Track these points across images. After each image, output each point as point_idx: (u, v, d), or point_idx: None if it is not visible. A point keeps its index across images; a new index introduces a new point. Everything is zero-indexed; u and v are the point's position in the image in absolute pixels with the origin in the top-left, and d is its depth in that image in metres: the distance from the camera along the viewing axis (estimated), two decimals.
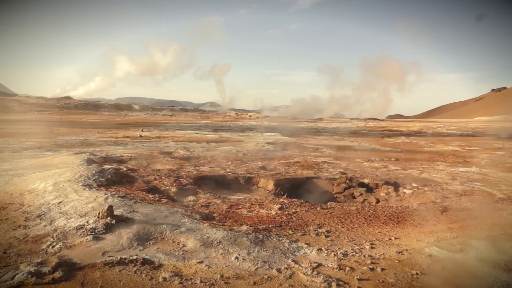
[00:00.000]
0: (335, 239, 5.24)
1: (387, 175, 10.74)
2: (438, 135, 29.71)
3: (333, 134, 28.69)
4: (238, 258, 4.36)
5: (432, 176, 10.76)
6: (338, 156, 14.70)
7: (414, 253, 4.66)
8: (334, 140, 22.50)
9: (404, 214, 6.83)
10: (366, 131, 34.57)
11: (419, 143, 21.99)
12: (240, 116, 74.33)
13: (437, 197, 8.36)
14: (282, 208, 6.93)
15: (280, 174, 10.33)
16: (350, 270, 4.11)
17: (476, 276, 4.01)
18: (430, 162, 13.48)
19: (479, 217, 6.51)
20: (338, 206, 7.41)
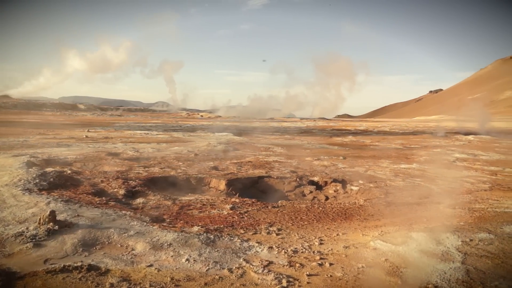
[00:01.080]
0: (286, 236, 5.35)
1: (335, 173, 11.10)
2: (382, 134, 31.17)
3: (284, 133, 29.16)
4: (189, 259, 4.32)
5: (377, 173, 11.27)
6: (289, 155, 14.98)
7: (360, 247, 4.87)
8: (285, 140, 22.89)
9: (351, 210, 7.11)
10: (316, 130, 35.50)
11: (365, 142, 22.94)
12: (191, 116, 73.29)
13: (382, 193, 8.77)
14: (234, 208, 6.95)
15: (232, 174, 10.35)
16: (300, 266, 4.22)
17: (416, 266, 4.27)
18: (375, 160, 14.11)
19: (419, 211, 6.92)
20: (289, 204, 7.56)
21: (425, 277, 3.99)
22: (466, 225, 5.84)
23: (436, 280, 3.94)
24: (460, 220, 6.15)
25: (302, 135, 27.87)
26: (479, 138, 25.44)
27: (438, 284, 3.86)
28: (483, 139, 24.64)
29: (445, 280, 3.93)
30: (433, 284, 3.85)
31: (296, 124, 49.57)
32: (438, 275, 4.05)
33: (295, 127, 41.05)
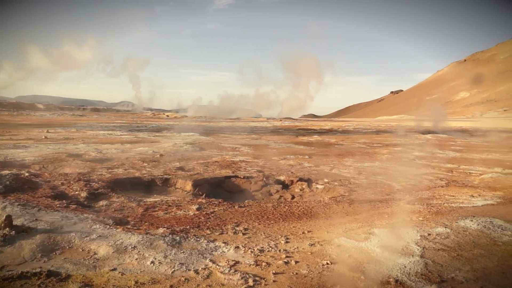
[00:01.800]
0: (252, 236, 5.38)
1: (301, 171, 11.26)
2: (346, 133, 31.92)
3: (251, 133, 29.23)
4: (154, 262, 4.25)
5: (341, 171, 11.54)
6: (256, 154, 15.04)
7: (325, 244, 4.97)
8: (252, 139, 22.96)
9: (316, 208, 7.24)
10: (282, 130, 35.84)
11: (330, 141, 23.41)
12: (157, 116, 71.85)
13: (346, 191, 8.99)
14: (200, 209, 6.91)
15: (199, 174, 10.27)
16: (266, 265, 4.26)
17: (378, 261, 4.41)
18: (340, 159, 14.44)
19: (381, 208, 7.16)
20: (255, 203, 7.60)
21: (387, 271, 4.13)
22: (425, 220, 6.09)
23: (396, 274, 4.09)
24: (419, 215, 6.41)
25: (269, 135, 28.06)
26: (436, 136, 26.56)
27: (398, 277, 4.01)
28: (440, 138, 25.76)
29: (405, 274, 4.09)
30: (394, 278, 3.99)
31: (263, 123, 49.82)
32: (399, 269, 4.20)
33: (262, 126, 41.26)
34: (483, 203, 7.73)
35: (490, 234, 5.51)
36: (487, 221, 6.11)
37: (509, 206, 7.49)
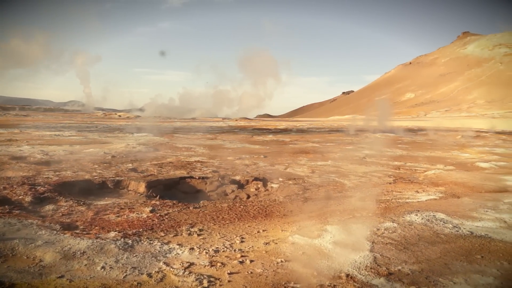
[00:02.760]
0: (207, 237, 5.35)
1: (256, 171, 11.34)
2: (300, 133, 32.56)
3: (206, 133, 29.02)
4: (105, 267, 4.11)
5: (295, 170, 11.76)
6: (211, 155, 14.96)
7: (280, 242, 5.05)
8: (207, 139, 22.80)
9: (271, 207, 7.33)
10: (238, 129, 35.88)
11: (285, 140, 23.77)
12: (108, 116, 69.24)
13: (300, 189, 9.18)
14: (154, 211, 6.76)
15: (152, 176, 10.05)
16: (221, 265, 4.25)
17: (330, 257, 4.55)
18: (294, 158, 14.71)
19: (333, 205, 7.38)
20: (211, 204, 7.56)
21: (338, 267, 4.27)
22: (374, 216, 6.36)
23: (348, 268, 4.24)
24: (369, 211, 6.68)
25: (224, 135, 28.00)
26: (385, 135, 27.78)
27: (349, 272, 4.16)
28: (389, 137, 26.96)
29: (356, 268, 4.25)
30: (345, 272, 4.14)
31: (218, 123, 49.63)
32: (350, 264, 4.36)
33: (217, 126, 41.09)
34: (427, 198, 8.20)
35: (433, 227, 5.86)
36: (430, 215, 6.50)
37: (450, 200, 8.00)
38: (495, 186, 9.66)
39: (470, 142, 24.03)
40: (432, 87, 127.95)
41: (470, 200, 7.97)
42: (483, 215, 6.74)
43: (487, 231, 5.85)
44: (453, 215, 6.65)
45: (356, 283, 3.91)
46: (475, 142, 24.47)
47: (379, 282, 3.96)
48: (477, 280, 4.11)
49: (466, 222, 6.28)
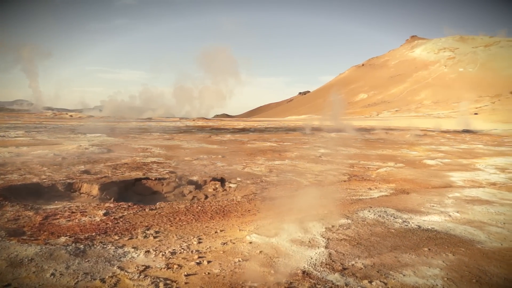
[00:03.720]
0: (164, 239, 5.25)
1: (214, 171, 11.28)
2: (258, 132, 32.76)
3: (163, 133, 28.44)
4: (55, 274, 3.93)
5: (253, 170, 11.82)
6: (168, 155, 14.70)
7: (237, 242, 5.06)
8: (164, 140, 22.36)
9: (229, 207, 7.32)
10: (195, 130, 35.50)
11: (243, 140, 23.81)
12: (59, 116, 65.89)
13: (258, 189, 9.24)
14: (108, 214, 6.54)
15: (106, 177, 9.71)
16: (178, 267, 4.19)
17: (287, 254, 4.63)
18: (252, 157, 14.78)
19: (290, 203, 7.49)
20: (168, 205, 7.43)
21: (295, 264, 4.35)
22: (329, 213, 6.53)
23: (304, 265, 4.33)
24: (324, 209, 6.85)
25: (182, 135, 27.59)
26: (340, 135, 28.61)
27: (305, 269, 4.25)
28: (343, 136, 27.79)
29: (312, 265, 4.35)
30: (302, 269, 4.22)
31: (175, 123, 48.80)
32: (306, 260, 4.46)
33: (175, 126, 40.40)
34: (378, 194, 8.54)
35: (384, 223, 6.12)
36: (382, 210, 6.78)
37: (399, 196, 8.38)
38: (440, 182, 10.24)
39: (418, 141, 25.29)
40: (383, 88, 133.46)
41: (418, 195, 8.40)
42: (430, 210, 7.13)
43: (433, 224, 6.20)
44: (403, 210, 6.98)
45: (312, 280, 4.00)
46: (422, 140, 25.79)
47: (334, 278, 4.07)
48: (424, 271, 4.34)
49: (415, 216, 6.62)
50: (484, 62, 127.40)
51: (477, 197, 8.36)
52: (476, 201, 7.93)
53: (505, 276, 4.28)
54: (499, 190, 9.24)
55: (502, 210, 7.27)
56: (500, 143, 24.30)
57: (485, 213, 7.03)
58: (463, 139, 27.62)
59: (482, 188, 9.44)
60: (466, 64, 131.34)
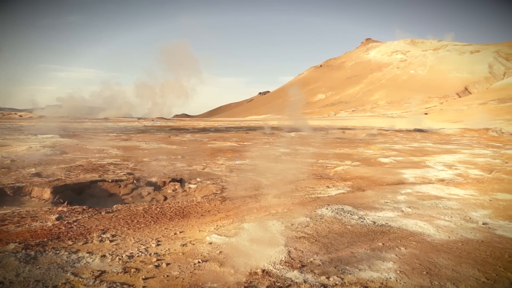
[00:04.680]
0: (121, 242, 5.11)
1: (174, 172, 11.12)
2: (219, 132, 32.63)
3: (120, 134, 27.62)
4: (4, 282, 3.72)
5: (213, 170, 11.77)
6: (126, 156, 14.30)
7: (197, 243, 5.03)
8: (121, 140, 21.73)
9: (189, 208, 7.25)
10: (154, 130, 34.75)
11: (203, 140, 23.63)
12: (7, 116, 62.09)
13: (218, 189, 9.21)
14: (61, 218, 6.27)
15: (59, 180, 9.31)
16: (135, 271, 4.10)
17: (247, 254, 4.65)
18: (212, 157, 14.71)
19: (251, 203, 7.54)
20: (125, 208, 7.23)
21: (255, 263, 4.38)
22: (289, 211, 6.64)
23: (264, 264, 4.37)
24: (284, 207, 6.96)
25: (140, 135, 26.93)
26: (299, 134, 29.08)
27: (265, 267, 4.29)
28: (303, 136, 28.28)
29: (271, 263, 4.41)
30: (261, 268, 4.26)
31: (133, 123, 47.53)
32: (266, 259, 4.51)
33: (132, 126, 39.35)
34: (336, 192, 8.78)
35: (341, 220, 6.30)
36: (339, 208, 6.97)
37: (356, 193, 8.66)
38: (394, 179, 10.69)
39: (373, 140, 26.24)
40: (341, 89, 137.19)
41: (373, 192, 8.73)
42: (384, 206, 7.43)
43: (387, 220, 6.46)
44: (359, 207, 7.22)
45: (271, 278, 4.05)
46: (377, 139, 26.77)
47: (293, 275, 4.15)
48: (379, 265, 4.52)
49: (370, 213, 6.87)
50: (433, 65, 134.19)
51: (427, 193, 8.81)
52: (426, 197, 8.36)
53: (452, 267, 4.54)
54: (446, 186, 9.78)
55: (450, 204, 7.71)
56: (448, 142, 25.71)
57: (434, 208, 7.42)
58: (414, 138, 28.95)
59: (431, 184, 9.96)
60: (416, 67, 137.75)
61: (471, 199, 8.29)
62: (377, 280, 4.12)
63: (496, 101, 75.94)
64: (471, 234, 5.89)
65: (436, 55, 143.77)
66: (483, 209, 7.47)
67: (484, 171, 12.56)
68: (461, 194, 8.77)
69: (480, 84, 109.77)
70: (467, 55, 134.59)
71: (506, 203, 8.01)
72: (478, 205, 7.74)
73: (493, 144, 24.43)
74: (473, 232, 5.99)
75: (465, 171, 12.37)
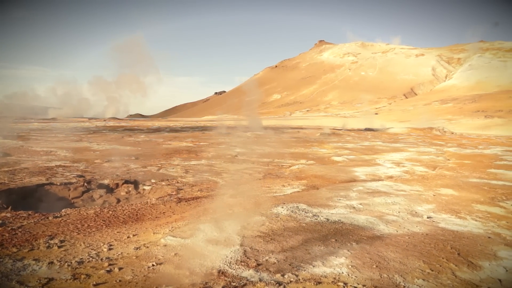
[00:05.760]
0: (70, 248, 4.90)
1: (127, 173, 10.82)
2: (174, 132, 32.10)
3: (69, 134, 26.40)
4: None
5: (169, 171, 11.57)
6: (76, 158, 13.71)
7: (151, 246, 4.93)
8: (71, 142, 20.79)
9: (143, 210, 7.08)
10: (107, 130, 33.54)
11: (158, 141, 23.15)
12: None
13: (173, 190, 9.08)
14: (4, 224, 5.90)
15: (2, 184, 8.76)
16: (86, 277, 3.95)
17: (203, 255, 4.63)
18: (167, 158, 14.45)
19: (207, 203, 7.50)
20: (75, 212, 6.94)
21: (211, 264, 4.37)
22: (245, 211, 6.67)
23: (219, 264, 4.37)
24: (240, 207, 6.98)
25: (91, 136, 25.89)
26: (255, 134, 29.28)
27: (221, 268, 4.29)
28: (259, 135, 28.51)
29: (227, 263, 4.42)
30: (217, 268, 4.26)
31: (84, 124, 45.59)
32: (221, 259, 4.51)
33: (83, 127, 37.73)
34: (291, 191, 8.95)
35: (296, 217, 6.44)
36: (294, 206, 7.12)
37: (310, 191, 8.88)
38: (346, 177, 11.06)
39: (327, 139, 26.98)
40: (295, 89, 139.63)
41: (327, 190, 8.99)
42: (337, 203, 7.68)
43: (340, 217, 6.68)
44: (313, 205, 7.41)
45: (227, 278, 4.06)
46: (331, 138, 27.55)
47: (249, 274, 4.18)
48: (332, 261, 4.67)
49: (324, 210, 7.07)
50: (382, 67, 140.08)
51: (377, 189, 9.20)
52: (376, 193, 8.73)
53: (400, 260, 4.79)
54: (395, 182, 10.28)
55: (397, 200, 8.11)
56: (396, 140, 26.98)
57: (383, 204, 7.78)
58: (365, 137, 30.10)
59: (381, 181, 10.42)
60: (367, 68, 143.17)
61: (416, 194, 8.77)
62: (330, 276, 4.26)
63: (438, 102, 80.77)
64: (417, 228, 6.23)
65: (385, 57, 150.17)
66: (427, 203, 7.93)
67: (429, 168, 13.33)
68: (408, 190, 9.26)
69: (424, 86, 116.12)
70: (413, 58, 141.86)
71: (448, 197, 8.55)
72: (423, 200, 8.20)
73: (436, 142, 25.98)
74: (418, 226, 6.34)
75: (412, 168, 13.06)
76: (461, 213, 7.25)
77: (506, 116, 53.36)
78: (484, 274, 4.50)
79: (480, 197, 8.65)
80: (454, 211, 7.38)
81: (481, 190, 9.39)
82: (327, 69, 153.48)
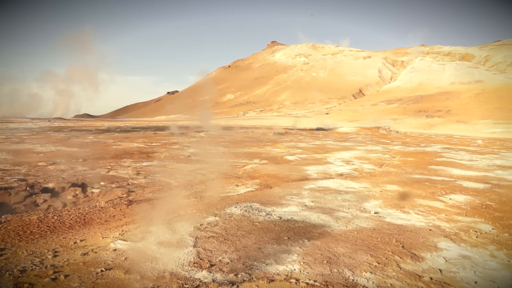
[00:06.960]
0: (11, 256, 4.61)
1: (74, 176, 10.34)
2: (125, 133, 31.10)
3: (10, 136, 24.76)
4: None
5: (119, 173, 11.20)
6: (17, 161, 12.88)
7: (100, 251, 4.76)
8: (11, 143, 19.50)
9: (91, 214, 6.81)
10: (52, 131, 31.82)
11: (107, 142, 22.32)
12: None
13: (124, 192, 8.80)
14: None
15: None
16: (29, 286, 3.75)
17: (155, 258, 4.54)
18: (118, 160, 13.98)
19: (159, 205, 7.35)
20: (16, 218, 6.53)
21: (162, 267, 4.30)
22: (198, 212, 6.63)
23: (171, 267, 4.31)
24: (193, 208, 6.93)
25: (34, 137, 24.41)
26: (209, 134, 29.10)
27: (173, 270, 4.24)
28: (212, 135, 28.36)
29: (179, 265, 4.37)
30: (169, 271, 4.20)
31: (26, 125, 42.89)
32: (174, 262, 4.45)
33: (25, 128, 35.49)
34: (245, 190, 8.99)
35: (250, 217, 6.49)
36: (247, 205, 7.16)
37: (264, 190, 8.98)
38: (298, 176, 11.30)
39: (280, 138, 27.37)
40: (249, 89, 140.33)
41: (280, 189, 9.13)
42: (289, 201, 7.82)
43: (292, 215, 6.82)
44: (267, 203, 7.50)
45: (179, 280, 4.01)
46: (283, 138, 27.99)
47: (202, 275, 4.16)
48: (284, 259, 4.76)
49: (277, 208, 7.18)
50: (332, 68, 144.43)
51: (328, 187, 9.49)
52: (327, 191, 9.00)
53: (349, 254, 4.98)
54: (344, 180, 10.65)
55: (347, 197, 8.41)
56: (345, 139, 27.94)
57: (334, 201, 8.04)
58: (317, 136, 30.90)
59: (332, 179, 10.75)
60: (318, 70, 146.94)
61: (365, 191, 9.15)
62: (283, 273, 4.34)
63: (384, 103, 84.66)
64: (365, 223, 6.51)
65: (335, 59, 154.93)
66: (375, 199, 8.30)
67: (376, 165, 13.95)
68: (357, 187, 9.63)
69: (371, 87, 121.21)
70: (361, 60, 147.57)
71: (393, 193, 9.00)
72: (370, 196, 8.57)
73: (383, 141, 27.22)
74: (366, 221, 6.63)
75: (360, 166, 13.60)
76: (405, 207, 7.66)
77: (444, 116, 57.19)
78: (426, 265, 4.80)
79: (422, 192, 9.19)
80: (398, 206, 7.78)
81: (423, 186, 9.98)
82: (280, 70, 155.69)
